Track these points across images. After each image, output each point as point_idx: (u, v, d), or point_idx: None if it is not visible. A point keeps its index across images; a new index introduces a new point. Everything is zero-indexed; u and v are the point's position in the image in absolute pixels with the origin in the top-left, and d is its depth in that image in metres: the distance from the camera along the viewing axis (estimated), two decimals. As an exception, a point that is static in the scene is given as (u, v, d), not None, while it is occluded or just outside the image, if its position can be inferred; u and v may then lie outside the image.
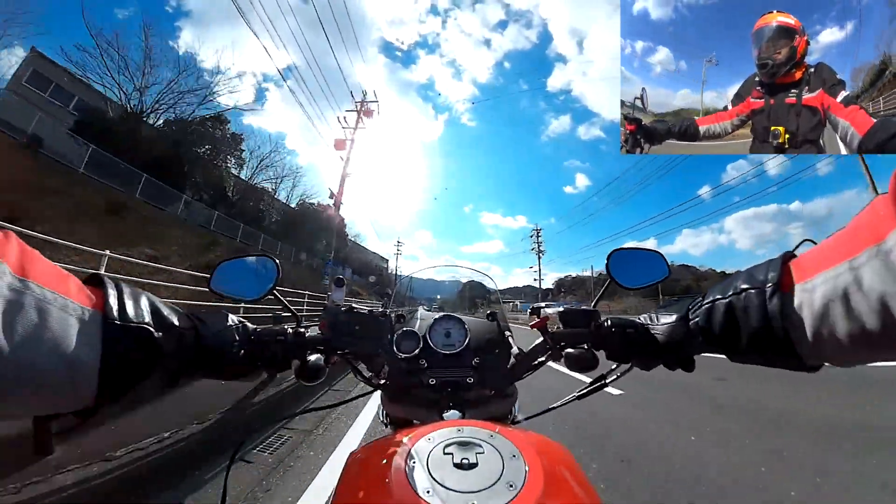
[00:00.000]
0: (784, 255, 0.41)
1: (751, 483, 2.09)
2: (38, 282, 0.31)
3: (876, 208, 0.31)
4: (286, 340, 0.61)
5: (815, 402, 3.57)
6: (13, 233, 0.31)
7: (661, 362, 0.58)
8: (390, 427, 0.84)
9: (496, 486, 0.39)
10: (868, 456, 2.34)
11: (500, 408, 0.79)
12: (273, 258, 0.70)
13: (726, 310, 0.45)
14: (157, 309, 0.43)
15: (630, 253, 0.74)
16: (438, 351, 0.80)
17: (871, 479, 2.04)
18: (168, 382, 0.44)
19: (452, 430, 0.48)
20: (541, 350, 0.70)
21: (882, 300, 0.29)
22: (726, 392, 4.19)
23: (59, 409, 0.35)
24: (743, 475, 2.19)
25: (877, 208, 0.31)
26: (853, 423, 2.95)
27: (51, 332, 0.31)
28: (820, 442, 2.65)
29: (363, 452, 0.53)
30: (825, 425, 2.94)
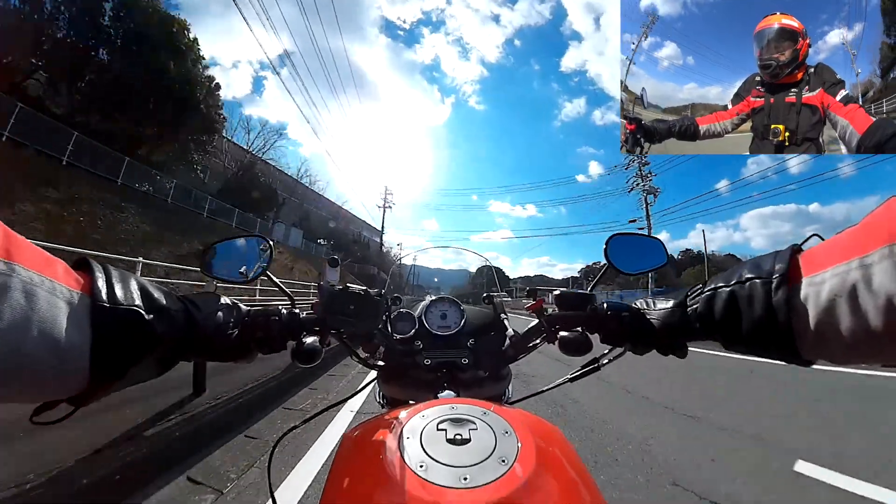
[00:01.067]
0: (792, 248, 0.41)
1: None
2: (24, 265, 0.30)
3: (891, 208, 0.31)
4: (280, 321, 0.60)
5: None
6: None
7: (654, 347, 0.58)
8: (387, 407, 0.84)
9: (488, 461, 0.39)
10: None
11: (494, 389, 0.79)
12: (266, 238, 0.70)
13: (728, 298, 0.44)
14: (147, 291, 0.42)
15: (629, 239, 0.74)
16: (434, 332, 0.80)
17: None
18: (161, 365, 0.44)
19: (446, 408, 0.48)
20: (536, 332, 0.70)
21: (890, 300, 0.29)
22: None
23: (50, 395, 0.34)
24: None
25: (892, 208, 0.31)
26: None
27: (39, 315, 0.30)
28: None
29: (358, 430, 0.53)
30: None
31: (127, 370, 0.38)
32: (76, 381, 0.34)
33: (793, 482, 2.08)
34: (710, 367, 5.43)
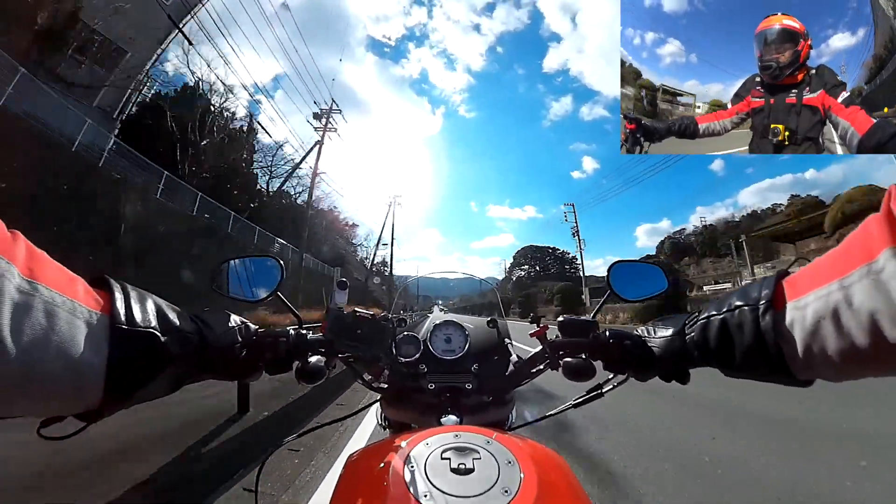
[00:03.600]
0: (778, 273, 0.42)
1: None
2: (47, 284, 0.31)
3: (868, 228, 0.32)
4: (288, 341, 0.61)
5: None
6: (21, 234, 0.31)
7: (656, 374, 0.59)
8: (389, 431, 0.85)
9: (491, 492, 0.40)
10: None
11: (497, 414, 0.79)
12: (277, 258, 0.70)
13: (721, 326, 0.46)
14: (162, 312, 0.43)
15: (630, 266, 0.76)
16: (438, 356, 0.81)
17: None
18: (172, 384, 0.45)
19: (450, 436, 0.49)
20: (540, 358, 0.71)
21: (871, 318, 0.30)
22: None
23: (63, 411, 0.35)
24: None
25: (869, 228, 0.32)
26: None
27: (58, 335, 0.31)
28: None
29: (361, 455, 0.54)
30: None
31: (139, 389, 0.39)
32: (89, 399, 0.35)
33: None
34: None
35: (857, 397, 3.54)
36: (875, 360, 0.31)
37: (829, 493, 2.05)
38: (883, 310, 0.29)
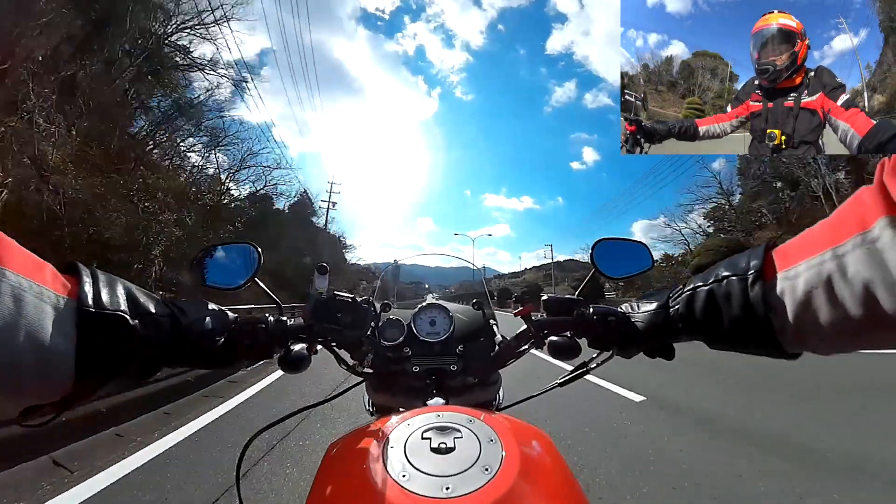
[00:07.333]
0: (766, 244, 0.41)
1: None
2: (14, 269, 0.30)
3: (861, 198, 0.31)
4: (267, 328, 0.60)
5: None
6: None
7: (641, 350, 0.58)
8: (376, 415, 0.84)
9: (471, 470, 0.39)
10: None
11: (484, 395, 0.80)
12: (254, 244, 0.70)
13: (707, 297, 0.44)
14: (132, 295, 0.42)
15: (615, 244, 0.75)
16: (423, 339, 0.80)
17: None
18: (145, 371, 0.44)
19: (431, 416, 0.48)
20: (524, 338, 0.71)
21: (866, 288, 0.29)
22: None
23: (34, 399, 0.34)
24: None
25: (862, 198, 0.31)
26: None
27: (26, 320, 0.30)
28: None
29: (343, 440, 0.53)
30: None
31: (111, 375, 0.38)
32: (60, 385, 0.34)
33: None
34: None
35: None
36: (868, 332, 0.31)
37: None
38: (878, 279, 0.28)
